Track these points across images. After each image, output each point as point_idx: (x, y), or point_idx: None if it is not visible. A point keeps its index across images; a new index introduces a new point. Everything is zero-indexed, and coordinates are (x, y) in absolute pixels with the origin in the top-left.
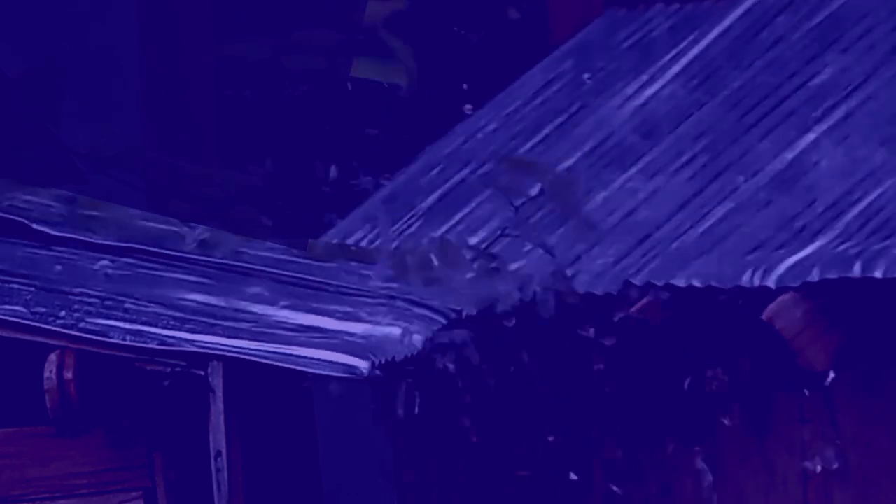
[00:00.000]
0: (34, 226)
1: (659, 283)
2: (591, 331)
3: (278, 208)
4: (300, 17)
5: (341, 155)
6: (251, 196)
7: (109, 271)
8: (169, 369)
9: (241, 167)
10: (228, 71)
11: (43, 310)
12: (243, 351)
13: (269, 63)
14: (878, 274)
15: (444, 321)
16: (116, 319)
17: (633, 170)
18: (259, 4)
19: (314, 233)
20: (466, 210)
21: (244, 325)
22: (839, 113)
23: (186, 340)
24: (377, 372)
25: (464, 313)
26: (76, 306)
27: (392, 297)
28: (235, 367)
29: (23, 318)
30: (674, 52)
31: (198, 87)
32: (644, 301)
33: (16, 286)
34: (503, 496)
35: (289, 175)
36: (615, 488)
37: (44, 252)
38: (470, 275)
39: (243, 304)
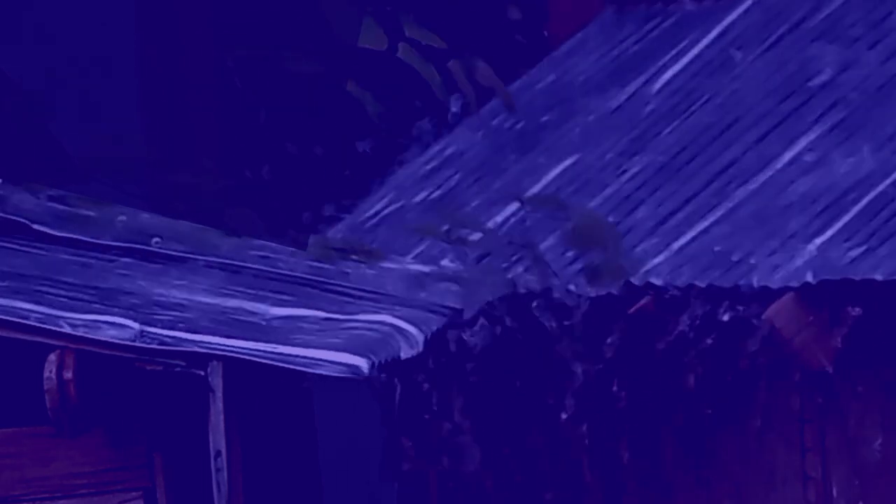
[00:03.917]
0: (34, 226)
1: (659, 283)
2: (591, 331)
3: (278, 208)
4: (299, 20)
5: (340, 154)
6: (251, 196)
7: (109, 271)
8: (169, 369)
9: (241, 168)
10: (227, 73)
11: (43, 310)
12: (243, 351)
13: (268, 63)
14: (878, 276)
15: (444, 320)
16: (117, 319)
17: (634, 169)
18: (258, 8)
19: (314, 232)
20: (466, 209)
21: (244, 325)
22: (838, 113)
23: (186, 340)
24: (377, 372)
25: (465, 313)
26: (76, 306)
27: (393, 296)
28: (235, 367)
29: (23, 318)
30: (673, 52)
31: (197, 89)
32: (644, 301)
33: (16, 286)
34: (503, 496)
35: (288, 175)
36: (615, 488)
37: (44, 252)
38: (471, 273)
39: (243, 304)
